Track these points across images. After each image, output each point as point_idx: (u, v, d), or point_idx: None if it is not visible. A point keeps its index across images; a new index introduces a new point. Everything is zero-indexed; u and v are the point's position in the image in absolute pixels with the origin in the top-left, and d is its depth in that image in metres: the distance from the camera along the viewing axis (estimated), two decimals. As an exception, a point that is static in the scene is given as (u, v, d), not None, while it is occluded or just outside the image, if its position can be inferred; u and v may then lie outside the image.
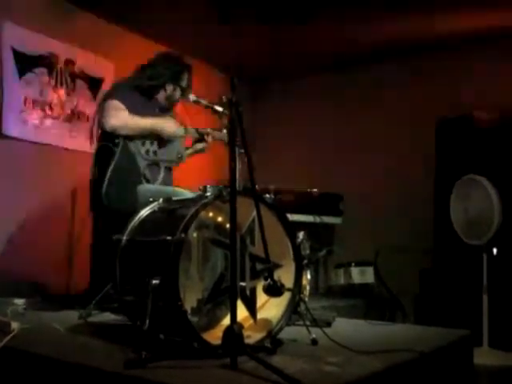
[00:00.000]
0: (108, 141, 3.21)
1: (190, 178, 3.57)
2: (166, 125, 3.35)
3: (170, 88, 3.48)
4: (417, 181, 5.40)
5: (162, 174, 3.34)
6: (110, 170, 3.11)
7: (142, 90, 3.40)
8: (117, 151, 3.15)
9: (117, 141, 3.17)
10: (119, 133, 3.16)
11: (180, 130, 3.43)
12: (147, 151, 3.28)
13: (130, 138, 3.21)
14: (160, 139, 3.34)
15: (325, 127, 6.06)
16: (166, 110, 3.54)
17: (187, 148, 3.63)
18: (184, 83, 3.53)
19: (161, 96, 3.50)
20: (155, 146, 3.33)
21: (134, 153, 3.22)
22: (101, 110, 3.24)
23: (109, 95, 3.35)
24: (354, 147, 5.87)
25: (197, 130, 3.62)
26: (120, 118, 3.16)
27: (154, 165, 3.33)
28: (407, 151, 5.53)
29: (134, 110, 3.23)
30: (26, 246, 4.29)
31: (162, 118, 3.41)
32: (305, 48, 5.68)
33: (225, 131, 3.56)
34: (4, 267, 4.08)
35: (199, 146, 3.67)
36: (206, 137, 3.62)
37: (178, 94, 3.52)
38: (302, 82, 6.29)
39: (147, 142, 3.29)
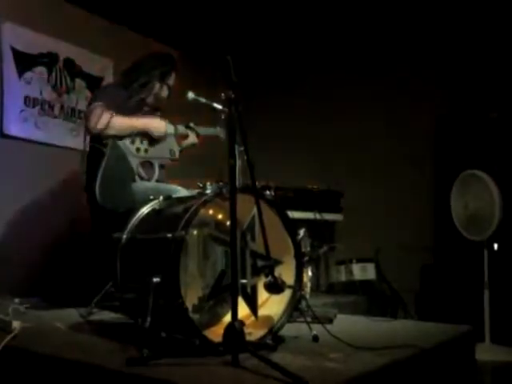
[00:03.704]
0: (97, 141, 3.21)
1: (187, 176, 3.56)
2: (154, 125, 3.33)
3: (157, 86, 3.48)
4: (417, 177, 5.40)
5: (156, 172, 3.34)
6: (101, 170, 3.10)
7: (129, 91, 3.40)
8: (106, 151, 3.14)
9: (105, 141, 3.16)
10: (106, 134, 3.16)
11: (169, 128, 3.43)
12: (138, 149, 3.28)
13: (118, 137, 3.20)
14: (150, 138, 3.33)
15: (325, 125, 6.05)
16: (153, 108, 3.54)
17: (179, 145, 3.61)
18: (171, 82, 3.53)
19: (148, 95, 3.49)
20: (146, 144, 3.33)
21: (124, 151, 3.21)
22: (87, 113, 3.25)
23: (95, 98, 3.36)
24: (354, 144, 5.87)
25: (187, 126, 3.61)
26: (105, 119, 3.16)
27: (148, 163, 3.33)
28: (407, 146, 5.52)
29: (120, 110, 3.22)
30: (25, 245, 4.29)
31: (150, 117, 3.39)
32: (305, 47, 5.71)
33: (218, 128, 3.57)
34: (4, 266, 4.08)
35: (190, 141, 3.65)
36: (191, 131, 3.60)
37: (165, 92, 3.53)
38: (303, 81, 6.28)
39: (137, 140, 3.29)
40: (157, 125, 3.34)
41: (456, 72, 5.29)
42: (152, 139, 3.36)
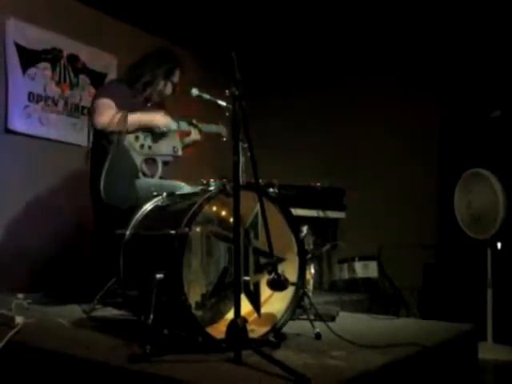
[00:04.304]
0: (101, 138, 3.21)
1: (190, 173, 3.57)
2: (157, 119, 3.33)
3: (161, 83, 3.48)
4: (420, 175, 5.39)
5: (160, 169, 3.35)
6: (105, 166, 3.10)
7: (134, 87, 3.40)
8: (111, 148, 3.14)
9: (110, 138, 3.16)
10: (110, 130, 3.16)
11: (173, 124, 3.43)
12: (142, 146, 3.28)
13: (122, 133, 3.20)
14: (153, 133, 3.33)
15: (326, 124, 6.05)
16: (158, 104, 3.54)
17: (182, 141, 3.61)
18: (175, 79, 3.53)
19: (153, 92, 3.49)
20: (150, 141, 3.33)
21: (128, 148, 3.21)
22: (91, 109, 3.24)
23: (99, 94, 3.35)
24: (356, 142, 5.86)
25: (189, 123, 3.60)
26: (109, 115, 3.15)
27: (151, 160, 3.33)
28: (410, 145, 5.51)
29: (124, 106, 3.22)
30: (29, 241, 4.30)
31: (153, 112, 3.39)
32: (306, 47, 5.70)
33: (221, 126, 3.58)
34: (7, 262, 4.09)
35: (192, 137, 3.64)
36: (193, 128, 3.60)
37: (169, 89, 3.53)
38: (304, 80, 6.27)
39: (141, 137, 3.29)
40: (160, 120, 3.35)
41: (458, 71, 5.28)
42: (155, 136, 3.36)
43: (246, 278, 2.33)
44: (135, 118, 3.24)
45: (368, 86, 5.83)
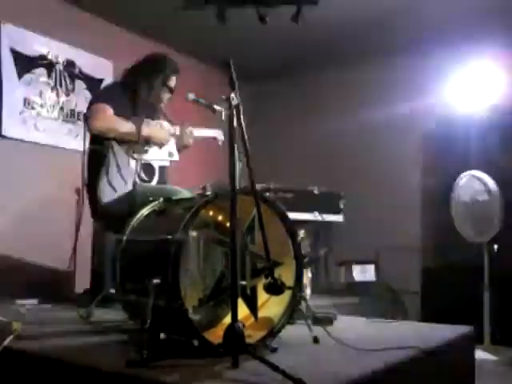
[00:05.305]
0: (98, 144, 3.20)
1: (188, 178, 3.56)
2: (159, 136, 3.33)
3: (158, 88, 3.48)
4: (418, 178, 5.40)
5: (157, 174, 3.34)
6: (103, 172, 3.10)
7: (130, 92, 3.39)
8: (108, 153, 3.13)
9: (106, 143, 3.16)
10: (106, 135, 3.15)
11: (169, 137, 3.42)
12: (139, 151, 3.27)
13: (119, 139, 3.19)
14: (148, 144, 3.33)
15: (324, 125, 6.06)
16: (154, 110, 3.53)
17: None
18: (172, 83, 3.53)
19: (149, 96, 3.49)
20: (146, 146, 3.32)
21: (125, 153, 3.21)
22: (88, 113, 3.23)
23: (96, 98, 3.35)
24: (355, 145, 5.87)
25: (184, 127, 3.60)
26: (106, 120, 3.15)
27: (147, 164, 3.32)
28: (408, 147, 5.52)
29: (121, 111, 3.21)
30: (26, 247, 4.29)
31: (152, 125, 3.37)
32: (304, 45, 5.69)
33: (217, 130, 3.57)
34: (5, 268, 4.08)
35: (184, 142, 3.63)
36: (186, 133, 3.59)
37: (165, 93, 3.52)
38: (302, 80, 6.29)
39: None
40: (162, 137, 3.34)
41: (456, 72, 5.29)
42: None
43: (243, 282, 2.33)
44: (133, 128, 3.22)
45: (366, 87, 5.85)
